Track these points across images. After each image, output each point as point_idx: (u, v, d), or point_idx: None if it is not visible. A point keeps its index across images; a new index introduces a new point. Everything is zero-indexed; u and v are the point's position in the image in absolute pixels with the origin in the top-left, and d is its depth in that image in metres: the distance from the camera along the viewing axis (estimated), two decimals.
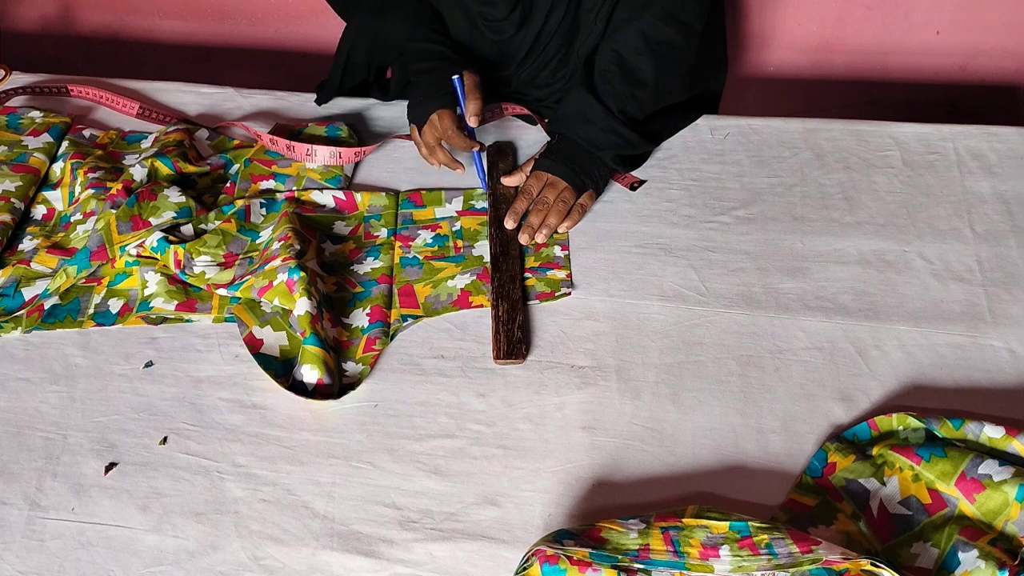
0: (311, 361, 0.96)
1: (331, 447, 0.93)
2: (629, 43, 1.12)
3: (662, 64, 1.13)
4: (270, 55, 1.78)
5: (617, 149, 1.13)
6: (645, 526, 0.80)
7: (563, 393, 0.96)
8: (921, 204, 1.13)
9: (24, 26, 1.82)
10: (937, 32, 1.59)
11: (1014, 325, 1.00)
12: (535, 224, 1.10)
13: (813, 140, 1.21)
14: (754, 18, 1.62)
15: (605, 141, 1.12)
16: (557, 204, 1.10)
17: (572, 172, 1.12)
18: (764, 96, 1.71)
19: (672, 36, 1.12)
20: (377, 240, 1.12)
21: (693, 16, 1.13)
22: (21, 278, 1.08)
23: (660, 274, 1.07)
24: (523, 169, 1.17)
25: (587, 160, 1.13)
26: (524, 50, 1.20)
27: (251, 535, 0.87)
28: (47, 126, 1.25)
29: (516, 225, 1.11)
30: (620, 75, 1.12)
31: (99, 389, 0.98)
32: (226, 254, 1.08)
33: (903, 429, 0.90)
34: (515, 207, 1.11)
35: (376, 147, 1.21)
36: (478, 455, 0.92)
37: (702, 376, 0.97)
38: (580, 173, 1.12)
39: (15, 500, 0.90)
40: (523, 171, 1.16)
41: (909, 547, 0.83)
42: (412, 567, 0.84)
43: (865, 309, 1.02)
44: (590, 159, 1.13)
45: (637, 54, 1.12)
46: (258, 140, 1.22)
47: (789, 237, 1.10)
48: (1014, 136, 1.20)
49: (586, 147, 1.13)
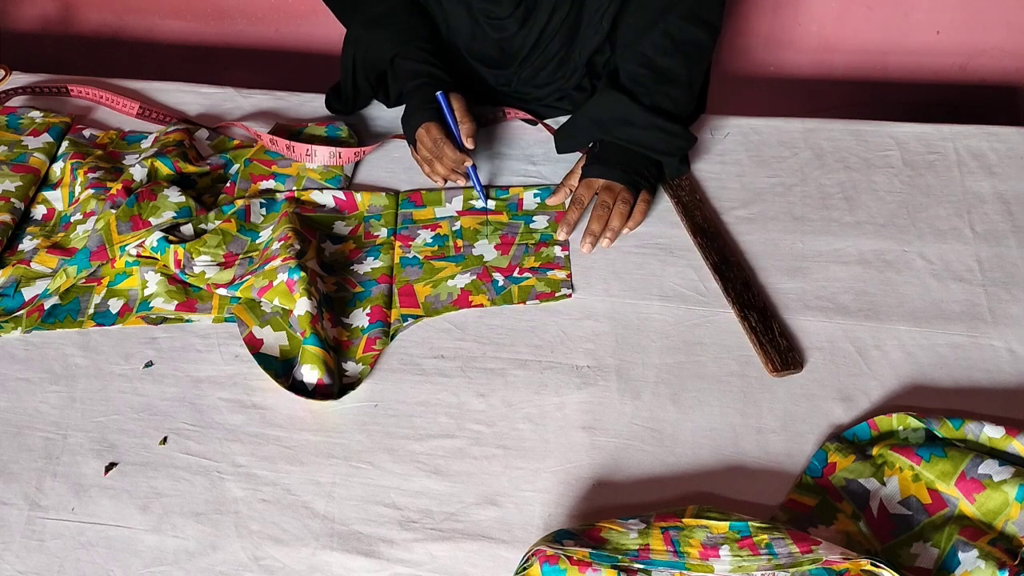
0: (311, 361, 0.96)
1: (331, 447, 0.93)
2: (657, 45, 1.12)
3: (691, 62, 1.14)
4: (270, 55, 1.78)
5: (665, 146, 1.12)
6: (645, 526, 0.80)
7: (563, 393, 0.96)
8: (921, 204, 1.13)
9: (24, 26, 1.82)
10: (937, 32, 1.59)
11: (1014, 325, 1.00)
12: (596, 231, 1.08)
13: (813, 140, 1.21)
14: (754, 18, 1.62)
15: (650, 139, 1.12)
16: (618, 205, 1.09)
17: (624, 174, 1.11)
18: (764, 96, 1.71)
19: (699, 35, 1.13)
20: (377, 240, 1.12)
21: (715, 14, 1.15)
22: (21, 278, 1.08)
23: (660, 274, 1.07)
24: (566, 184, 1.15)
25: (636, 160, 1.12)
26: (526, 49, 1.19)
27: (251, 535, 0.87)
28: (47, 126, 1.25)
29: (568, 236, 1.09)
30: (652, 76, 1.12)
31: (99, 389, 0.98)
32: (226, 254, 1.08)
33: (903, 429, 0.90)
34: (567, 218, 1.10)
35: (375, 147, 1.21)
36: (478, 455, 0.92)
37: (702, 376, 0.97)
38: (632, 173, 1.11)
39: (15, 500, 0.90)
40: (566, 185, 1.15)
41: (909, 547, 0.83)
42: (412, 567, 0.84)
43: (865, 309, 1.02)
44: (638, 159, 1.12)
45: (666, 55, 1.12)
46: (258, 140, 1.22)
47: (789, 237, 1.10)
48: (1014, 136, 1.20)
49: (632, 148, 1.12)
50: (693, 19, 1.12)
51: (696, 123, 1.24)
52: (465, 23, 1.20)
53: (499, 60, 1.22)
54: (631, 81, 1.13)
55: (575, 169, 1.16)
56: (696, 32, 1.13)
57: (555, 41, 1.19)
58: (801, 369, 0.95)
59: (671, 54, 1.12)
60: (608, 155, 1.12)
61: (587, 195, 1.11)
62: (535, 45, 1.19)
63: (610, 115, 1.13)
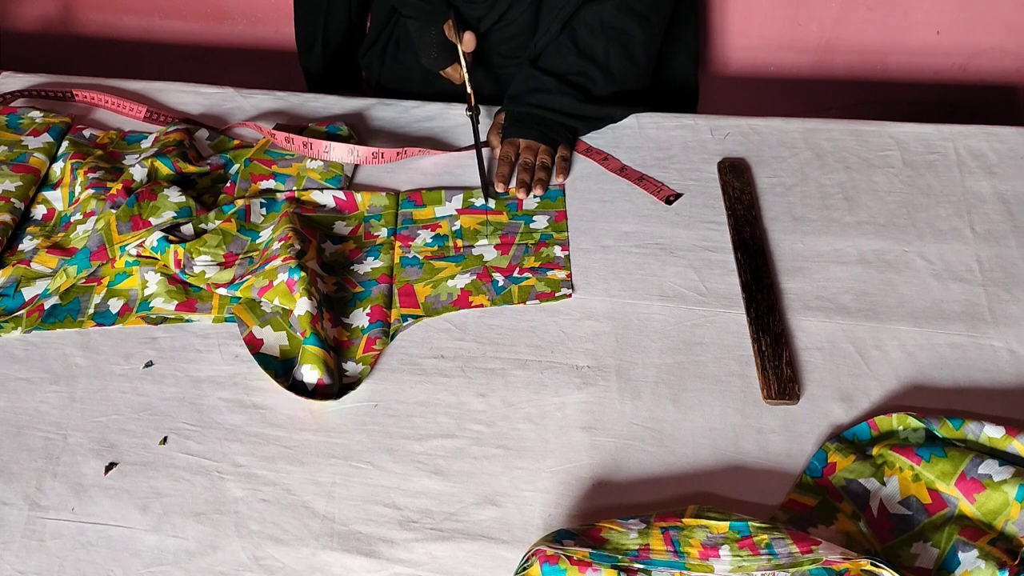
0: (311, 361, 0.96)
1: (331, 447, 0.93)
2: (583, 22, 1.20)
3: (613, 47, 1.19)
4: (270, 55, 1.78)
5: (574, 109, 1.20)
6: (645, 526, 0.80)
7: (563, 393, 0.96)
8: (921, 204, 1.13)
9: (24, 26, 1.82)
10: (937, 32, 1.59)
11: (1014, 325, 1.00)
12: (528, 180, 1.16)
13: (813, 140, 1.21)
14: (754, 18, 1.62)
15: (560, 102, 1.20)
16: (541, 159, 1.18)
17: (541, 133, 1.19)
18: (764, 96, 1.71)
19: (627, 25, 1.19)
20: (377, 240, 1.12)
21: (649, 8, 1.20)
22: (21, 278, 1.08)
23: (660, 274, 1.07)
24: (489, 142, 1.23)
25: (548, 123, 1.20)
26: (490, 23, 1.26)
27: (251, 535, 0.87)
28: (47, 126, 1.25)
29: (505, 190, 1.16)
30: (574, 50, 1.20)
31: (99, 389, 0.98)
32: (226, 254, 1.08)
33: (903, 429, 0.90)
34: (500, 172, 1.17)
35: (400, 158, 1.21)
36: (478, 455, 0.92)
37: (702, 376, 0.97)
38: (549, 132, 1.20)
39: (15, 500, 0.90)
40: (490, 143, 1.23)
41: (909, 547, 0.83)
42: (412, 567, 0.84)
43: (865, 309, 1.02)
44: (550, 123, 1.20)
45: (591, 34, 1.20)
46: (271, 140, 1.22)
47: (789, 237, 1.10)
48: (1014, 136, 1.20)
49: (542, 113, 1.20)
50: (624, 9, 1.18)
51: (696, 123, 1.24)
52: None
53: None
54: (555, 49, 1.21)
55: (494, 125, 1.24)
56: (625, 21, 1.19)
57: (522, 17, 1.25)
58: (797, 402, 0.94)
59: (595, 34, 1.19)
60: (523, 118, 1.21)
61: (512, 151, 1.19)
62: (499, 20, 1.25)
63: (525, 87, 1.21)
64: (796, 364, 0.97)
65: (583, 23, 1.20)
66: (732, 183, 1.15)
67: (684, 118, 1.25)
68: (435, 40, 1.23)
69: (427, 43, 1.24)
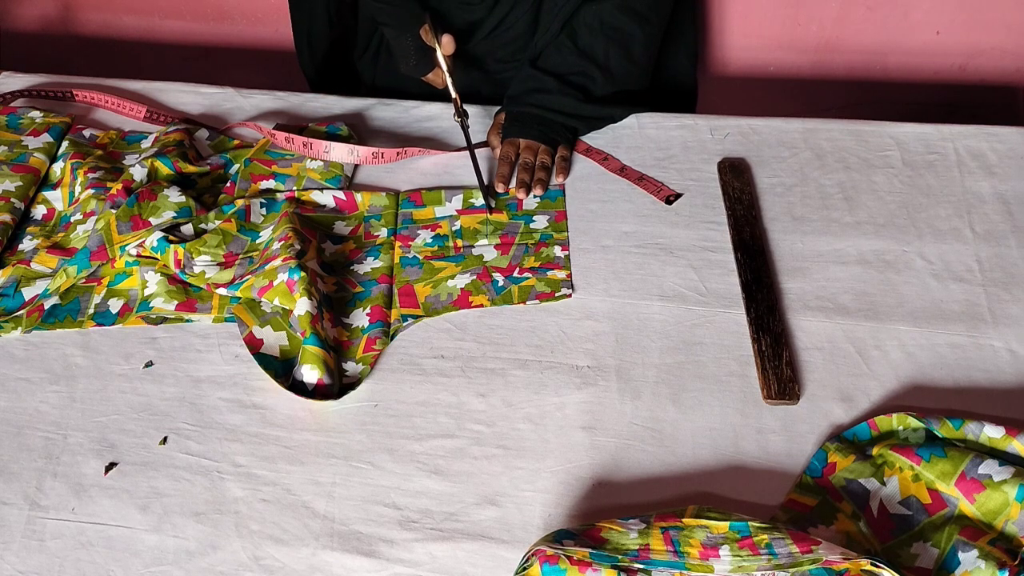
0: (311, 361, 0.96)
1: (331, 447, 0.93)
2: (583, 22, 1.20)
3: (612, 47, 1.19)
4: (270, 55, 1.78)
5: (574, 109, 1.20)
6: (645, 526, 0.80)
7: (563, 393, 0.96)
8: (921, 204, 1.13)
9: (24, 26, 1.82)
10: (937, 32, 1.59)
11: (1014, 325, 1.00)
12: (527, 180, 1.16)
13: (813, 140, 1.21)
14: (754, 18, 1.62)
15: (560, 102, 1.20)
16: (541, 159, 1.18)
17: (541, 133, 1.19)
18: (764, 96, 1.71)
19: (627, 25, 1.19)
20: (377, 240, 1.12)
21: (649, 8, 1.20)
22: (21, 278, 1.08)
23: (660, 274, 1.07)
24: (489, 142, 1.23)
25: (548, 123, 1.20)
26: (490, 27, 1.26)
27: (251, 535, 0.87)
28: (47, 126, 1.25)
29: (505, 189, 1.16)
30: (574, 50, 1.20)
31: (99, 389, 0.99)
32: (226, 254, 1.08)
33: (903, 429, 0.90)
34: (501, 172, 1.17)
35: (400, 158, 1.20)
36: (478, 455, 0.92)
37: (702, 376, 0.97)
38: (549, 132, 1.20)
39: (15, 500, 0.90)
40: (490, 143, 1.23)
41: (909, 547, 0.83)
42: (412, 567, 0.84)
43: (865, 309, 1.02)
44: (550, 123, 1.20)
45: (590, 34, 1.19)
46: (271, 140, 1.22)
47: (789, 237, 1.10)
48: (1014, 136, 1.20)
49: (542, 113, 1.20)
50: (624, 9, 1.18)
51: (696, 123, 1.24)
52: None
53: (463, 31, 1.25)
54: (555, 49, 1.21)
55: (494, 125, 1.23)
56: (625, 21, 1.18)
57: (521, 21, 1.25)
58: (797, 402, 0.94)
59: (595, 34, 1.19)
60: (523, 119, 1.21)
61: (512, 151, 1.19)
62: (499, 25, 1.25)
63: (525, 88, 1.21)
64: (796, 364, 0.97)
65: (583, 23, 1.20)
66: (732, 183, 1.15)
67: (684, 118, 1.25)
68: (412, 46, 1.20)
69: (405, 50, 1.21)
